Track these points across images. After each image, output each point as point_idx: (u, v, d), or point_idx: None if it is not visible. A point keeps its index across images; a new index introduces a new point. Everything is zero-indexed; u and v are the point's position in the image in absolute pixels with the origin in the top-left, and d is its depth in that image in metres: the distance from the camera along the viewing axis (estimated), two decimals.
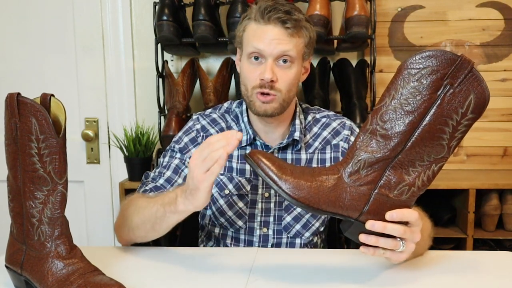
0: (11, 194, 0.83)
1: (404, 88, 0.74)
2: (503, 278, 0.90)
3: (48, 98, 0.77)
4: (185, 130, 1.25)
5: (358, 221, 0.80)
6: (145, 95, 2.12)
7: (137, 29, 2.11)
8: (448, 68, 0.73)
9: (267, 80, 1.09)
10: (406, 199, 0.80)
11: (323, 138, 1.23)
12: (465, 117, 0.75)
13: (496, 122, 2.11)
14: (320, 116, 1.28)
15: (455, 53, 0.73)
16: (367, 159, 0.78)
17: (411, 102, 0.74)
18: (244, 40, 1.14)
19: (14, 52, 2.12)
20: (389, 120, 0.76)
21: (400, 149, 0.77)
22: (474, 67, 0.73)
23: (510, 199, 1.85)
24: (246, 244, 1.19)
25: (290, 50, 1.09)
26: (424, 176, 0.79)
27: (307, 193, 0.77)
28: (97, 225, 2.18)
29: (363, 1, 1.80)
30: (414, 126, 0.76)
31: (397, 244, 0.81)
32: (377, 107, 0.77)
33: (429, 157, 0.78)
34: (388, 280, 0.88)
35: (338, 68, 1.98)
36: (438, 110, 0.74)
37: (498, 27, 2.07)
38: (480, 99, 0.74)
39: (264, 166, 0.79)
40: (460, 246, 1.88)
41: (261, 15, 1.09)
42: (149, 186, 1.17)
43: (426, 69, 0.73)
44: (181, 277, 0.92)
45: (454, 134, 0.76)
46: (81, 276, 0.78)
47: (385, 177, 0.79)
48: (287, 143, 1.19)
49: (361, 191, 0.78)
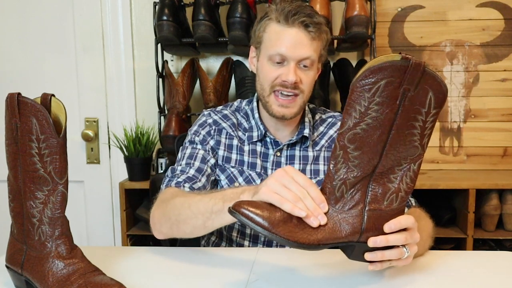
0: (11, 194, 0.83)
1: (363, 107, 0.73)
2: (503, 278, 0.90)
3: (49, 98, 0.77)
4: (200, 123, 1.25)
5: (359, 242, 0.79)
6: (145, 95, 2.12)
7: (137, 29, 2.11)
8: (401, 76, 0.71)
9: (291, 82, 1.10)
10: (397, 206, 0.79)
11: (329, 137, 1.26)
12: (430, 114, 0.74)
13: (496, 122, 2.11)
14: (326, 116, 1.31)
15: (406, 57, 0.70)
16: (348, 182, 0.77)
17: (374, 118, 0.73)
18: (265, 40, 1.15)
19: (14, 52, 2.13)
20: (357, 140, 0.75)
21: (376, 162, 0.76)
22: (426, 66, 0.71)
23: (510, 199, 1.84)
24: (252, 239, 1.19)
25: (312, 55, 1.12)
26: (407, 178, 0.79)
27: (304, 233, 0.75)
28: (97, 225, 2.18)
29: (363, 1, 1.80)
30: (383, 139, 0.75)
31: (402, 252, 0.81)
32: (341, 131, 0.75)
33: (405, 160, 0.77)
34: (388, 280, 0.88)
35: (338, 68, 1.98)
36: (402, 117, 0.73)
37: (498, 27, 2.07)
38: (440, 94, 0.73)
39: (253, 216, 0.75)
40: (460, 246, 1.88)
41: (284, 18, 1.10)
42: (181, 177, 1.14)
43: (379, 82, 0.71)
44: (181, 277, 0.92)
45: (424, 132, 0.76)
46: (82, 276, 0.77)
47: (370, 192, 0.78)
48: (296, 139, 1.21)
49: (353, 214, 0.78)
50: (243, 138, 1.23)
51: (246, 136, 1.23)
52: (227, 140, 1.22)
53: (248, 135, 1.23)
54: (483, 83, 2.10)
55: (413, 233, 0.82)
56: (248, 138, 1.22)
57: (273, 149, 1.22)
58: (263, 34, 1.15)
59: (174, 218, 0.99)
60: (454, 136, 2.13)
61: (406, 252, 0.81)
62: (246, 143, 1.22)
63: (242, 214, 0.75)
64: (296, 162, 1.21)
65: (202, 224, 0.95)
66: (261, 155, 1.22)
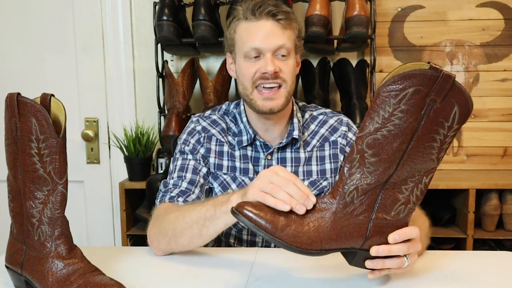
0: (11, 194, 0.83)
1: (387, 112, 0.71)
2: (503, 278, 0.90)
3: (48, 98, 0.77)
4: (189, 132, 1.24)
5: (361, 249, 0.79)
6: (145, 95, 2.12)
7: (137, 29, 2.11)
8: (430, 86, 0.69)
9: (270, 72, 1.09)
10: (404, 217, 0.79)
11: (320, 136, 1.24)
12: (452, 129, 0.73)
13: (496, 122, 2.11)
14: (317, 113, 1.28)
15: (435, 67, 0.69)
16: (360, 188, 0.76)
17: (397, 125, 0.72)
18: (237, 41, 1.15)
19: (14, 52, 2.12)
20: (376, 146, 0.73)
21: (391, 172, 0.75)
22: (456, 80, 0.70)
23: (510, 199, 1.84)
24: (249, 245, 1.19)
25: (286, 43, 1.11)
26: (417, 190, 0.78)
27: (307, 238, 0.75)
28: (97, 225, 2.17)
29: (363, 1, 1.80)
30: (403, 148, 0.73)
31: (402, 261, 0.81)
32: (361, 135, 0.74)
33: (419, 172, 0.76)
34: (388, 280, 0.88)
35: (338, 68, 1.98)
36: (425, 128, 0.72)
37: (498, 27, 2.07)
38: (465, 109, 0.72)
39: (256, 218, 0.74)
40: (460, 246, 1.88)
41: (251, 13, 1.11)
42: (174, 192, 1.14)
43: (407, 89, 0.70)
44: (181, 277, 0.92)
45: (443, 146, 0.74)
46: (81, 276, 0.77)
47: (380, 201, 0.77)
48: (286, 142, 1.20)
49: (359, 221, 0.77)
50: (233, 143, 1.21)
51: (236, 140, 1.21)
52: (217, 147, 1.21)
53: (238, 140, 1.21)
54: (483, 83, 2.10)
55: (415, 243, 0.81)
56: (238, 143, 1.20)
57: (264, 152, 1.20)
58: (235, 36, 1.15)
59: (170, 233, 0.99)
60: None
61: (407, 261, 0.81)
62: (237, 148, 1.21)
63: (244, 215, 0.75)
64: (288, 164, 1.20)
65: (198, 233, 0.95)
66: (252, 160, 1.20)
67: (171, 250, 1.03)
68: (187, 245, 1.00)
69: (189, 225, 0.96)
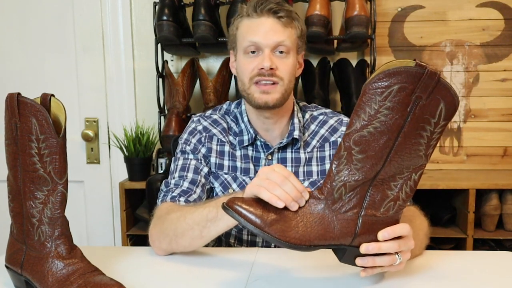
0: (11, 194, 0.83)
1: (373, 110, 0.72)
2: (503, 278, 0.90)
3: (48, 98, 0.77)
4: (190, 131, 1.25)
5: (351, 246, 0.79)
6: (145, 95, 2.12)
7: (137, 29, 2.11)
8: (415, 83, 0.70)
9: (266, 68, 1.10)
10: (393, 214, 0.79)
11: (320, 136, 1.24)
12: (438, 125, 0.73)
13: (496, 122, 2.11)
14: (318, 113, 1.28)
15: (420, 64, 0.69)
16: (348, 185, 0.76)
17: (382, 122, 0.72)
18: (238, 37, 1.16)
19: (14, 52, 2.12)
20: (363, 143, 0.74)
21: (379, 168, 0.76)
22: (441, 76, 0.70)
23: (510, 199, 1.84)
24: (249, 245, 1.19)
25: (285, 40, 1.12)
26: (407, 187, 0.78)
27: (295, 232, 0.75)
28: (97, 225, 2.18)
29: (363, 1, 1.80)
30: (389, 145, 0.74)
31: (394, 259, 0.80)
32: (347, 132, 0.75)
33: (408, 169, 0.77)
34: (388, 280, 0.88)
35: (338, 68, 1.98)
36: (411, 125, 0.72)
37: (498, 27, 2.07)
38: (451, 106, 0.72)
39: (246, 213, 0.75)
40: (460, 246, 1.88)
41: (253, 9, 1.12)
42: (176, 191, 1.14)
43: (392, 87, 0.70)
44: (181, 277, 0.92)
45: (430, 143, 0.75)
46: (81, 276, 0.77)
47: (369, 197, 0.78)
48: (287, 142, 1.20)
49: (348, 217, 0.77)
50: (234, 143, 1.22)
51: (237, 140, 1.21)
52: (218, 147, 1.21)
53: (239, 139, 1.21)
54: (483, 83, 2.10)
55: (407, 240, 0.81)
56: (239, 143, 1.21)
57: (265, 152, 1.20)
58: (236, 32, 1.16)
59: (172, 233, 1.00)
60: (454, 136, 2.13)
61: (398, 259, 0.81)
62: (238, 148, 1.21)
63: (234, 210, 0.76)
64: (288, 164, 1.20)
65: (199, 234, 0.96)
66: (253, 159, 1.21)
67: (172, 250, 1.03)
68: (188, 246, 1.00)
69: (190, 226, 0.96)
